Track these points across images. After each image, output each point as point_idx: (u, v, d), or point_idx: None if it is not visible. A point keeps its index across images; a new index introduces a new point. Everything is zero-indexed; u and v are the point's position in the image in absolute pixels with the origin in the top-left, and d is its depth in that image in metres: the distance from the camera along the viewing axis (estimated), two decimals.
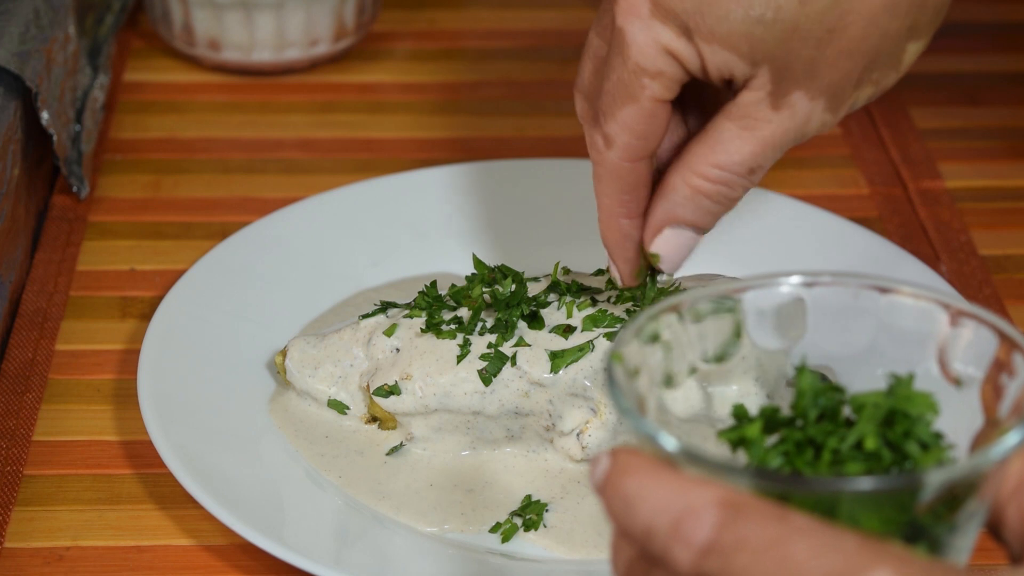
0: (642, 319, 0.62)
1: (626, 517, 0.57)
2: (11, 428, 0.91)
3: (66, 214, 1.09)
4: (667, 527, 0.56)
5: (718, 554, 0.55)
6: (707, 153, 0.79)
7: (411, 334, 0.89)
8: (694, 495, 0.56)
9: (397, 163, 1.14)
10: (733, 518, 0.55)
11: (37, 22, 1.07)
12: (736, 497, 0.55)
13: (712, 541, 0.55)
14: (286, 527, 0.83)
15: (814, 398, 0.60)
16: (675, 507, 0.56)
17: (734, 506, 0.55)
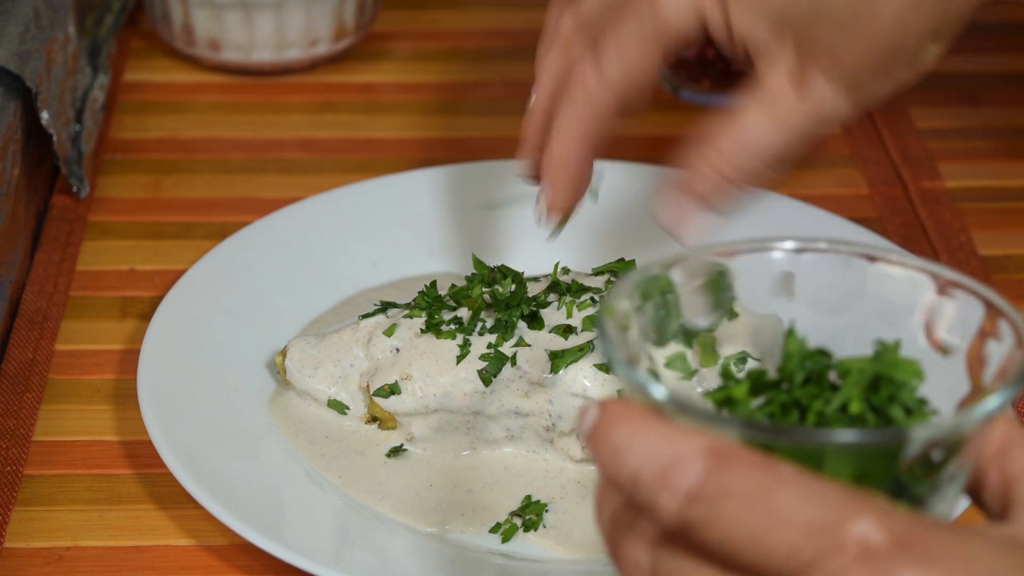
0: (637, 275, 0.62)
1: (613, 465, 0.57)
2: (11, 428, 0.91)
3: (66, 214, 1.09)
4: (654, 475, 0.56)
5: (703, 502, 0.55)
6: (727, 130, 0.80)
7: (411, 334, 0.89)
8: (682, 444, 0.56)
9: (397, 163, 1.14)
10: (720, 467, 0.55)
11: (37, 22, 1.07)
12: (723, 447, 0.55)
13: (698, 489, 0.55)
14: (286, 527, 0.83)
15: (801, 361, 0.61)
16: (662, 455, 0.56)
17: (721, 455, 0.55)
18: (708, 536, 0.55)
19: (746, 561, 0.54)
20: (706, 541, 0.55)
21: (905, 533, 0.53)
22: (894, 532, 0.53)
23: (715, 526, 0.55)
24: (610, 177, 1.08)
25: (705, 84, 1.20)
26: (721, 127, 0.81)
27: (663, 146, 1.17)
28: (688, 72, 1.20)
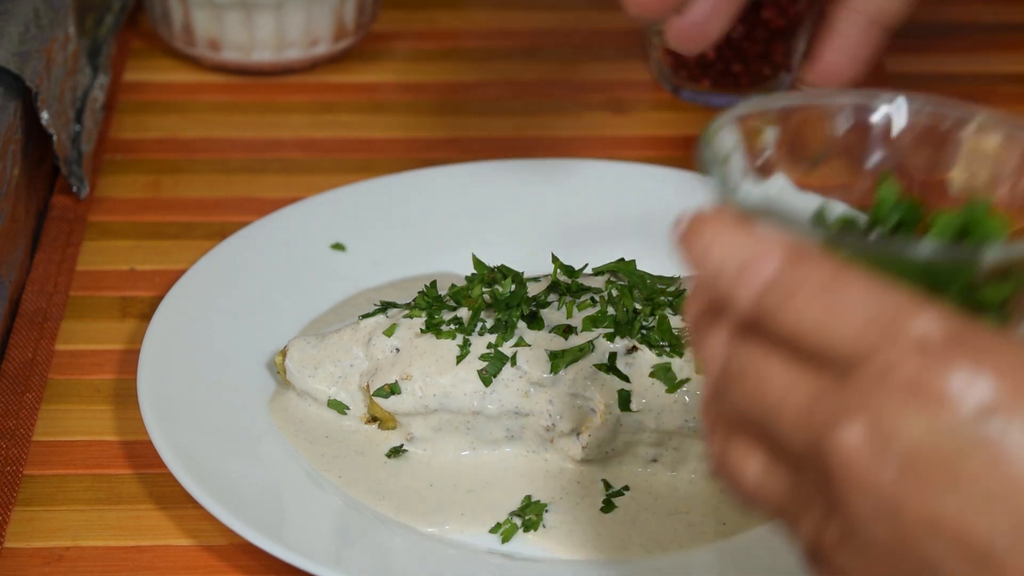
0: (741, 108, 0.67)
1: (700, 262, 0.62)
2: (11, 428, 0.91)
3: (66, 214, 1.09)
4: (735, 268, 0.61)
5: (776, 292, 0.60)
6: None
7: (411, 334, 0.89)
8: (764, 242, 0.61)
9: (397, 163, 1.14)
10: (795, 262, 0.60)
11: (37, 22, 1.07)
12: (803, 247, 0.60)
13: (773, 281, 0.60)
14: (286, 527, 0.83)
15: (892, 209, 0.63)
16: (744, 251, 0.61)
17: (798, 252, 0.60)
18: (778, 325, 0.60)
19: (810, 349, 0.59)
20: (776, 330, 0.60)
21: (961, 331, 0.57)
22: (950, 329, 0.57)
23: (785, 315, 0.59)
24: (610, 177, 1.08)
25: (705, 84, 1.20)
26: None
27: (663, 146, 1.18)
28: (688, 72, 1.20)
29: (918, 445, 0.57)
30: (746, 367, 0.61)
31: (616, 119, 1.21)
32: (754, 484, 0.62)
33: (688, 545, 0.83)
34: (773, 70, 1.20)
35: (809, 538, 0.61)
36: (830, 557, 0.60)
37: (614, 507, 0.86)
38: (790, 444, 0.60)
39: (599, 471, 0.88)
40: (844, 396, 0.58)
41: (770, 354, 0.61)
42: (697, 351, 0.64)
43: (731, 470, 0.63)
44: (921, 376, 0.57)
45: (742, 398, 0.62)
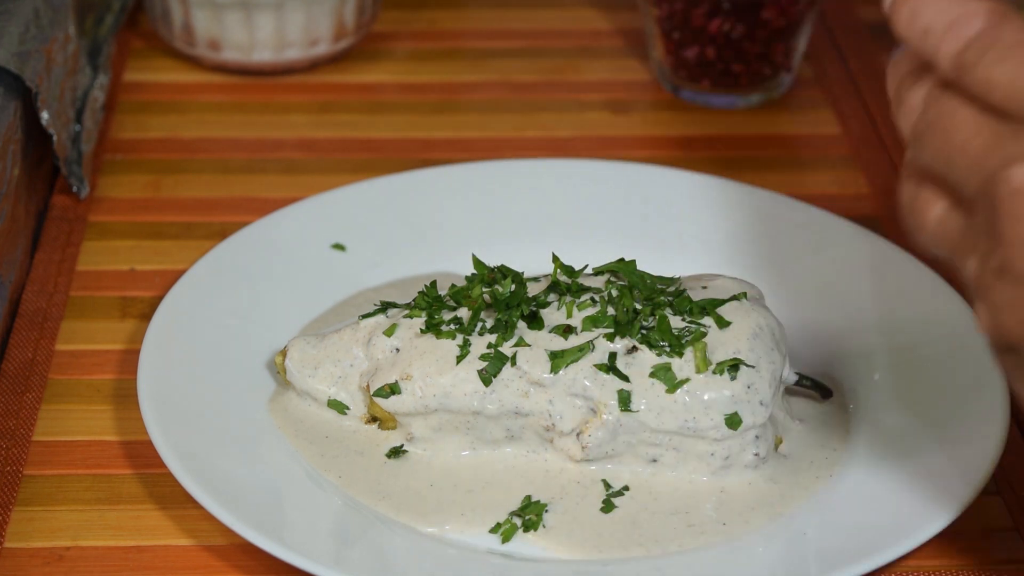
0: None
1: (911, 22, 0.70)
2: (11, 428, 0.91)
3: (66, 214, 1.09)
4: (943, 26, 0.69)
5: (976, 47, 0.68)
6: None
7: (411, 334, 0.89)
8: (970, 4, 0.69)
9: (397, 163, 1.14)
10: (997, 21, 0.68)
11: (37, 22, 1.07)
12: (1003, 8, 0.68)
13: (975, 36, 0.68)
14: (286, 527, 0.83)
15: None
16: (953, 11, 0.69)
17: (1000, 13, 0.68)
18: (974, 77, 0.67)
19: (999, 101, 0.67)
20: (972, 83, 0.68)
21: None
22: None
23: (981, 68, 0.67)
24: (610, 177, 1.08)
25: (705, 84, 1.20)
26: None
27: (663, 146, 1.18)
28: (688, 72, 1.20)
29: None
30: (939, 116, 0.69)
31: (616, 119, 1.21)
32: (935, 226, 0.71)
33: (688, 545, 0.83)
34: (773, 70, 1.20)
35: (974, 273, 0.69)
36: (991, 288, 0.68)
37: (614, 507, 0.86)
38: (967, 186, 0.68)
39: (599, 471, 0.88)
40: (1018, 141, 0.66)
41: (963, 105, 0.68)
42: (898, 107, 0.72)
43: (918, 214, 0.72)
44: None
45: (932, 145, 0.70)
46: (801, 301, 0.97)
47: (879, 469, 0.87)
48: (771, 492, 0.86)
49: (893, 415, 0.90)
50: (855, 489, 0.86)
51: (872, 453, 0.88)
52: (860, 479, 0.86)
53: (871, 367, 0.93)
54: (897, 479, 0.85)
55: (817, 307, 0.97)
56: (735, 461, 0.87)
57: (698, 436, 0.86)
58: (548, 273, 0.92)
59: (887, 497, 0.84)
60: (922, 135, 0.70)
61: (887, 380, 0.92)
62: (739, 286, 0.90)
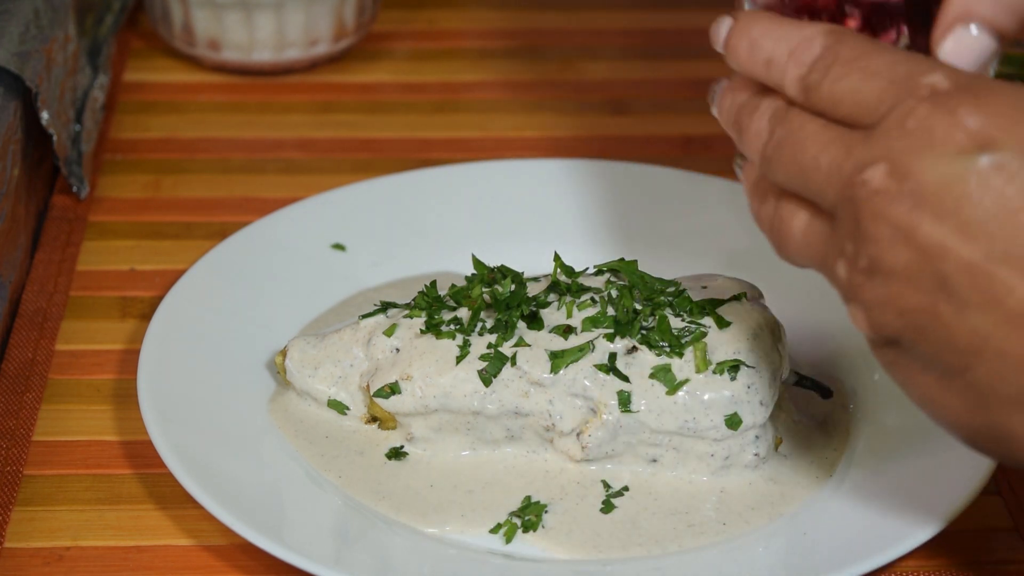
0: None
1: (751, 55, 0.73)
2: (11, 428, 0.91)
3: (66, 214, 1.09)
4: (785, 54, 0.72)
5: (819, 68, 0.71)
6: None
7: (411, 334, 0.89)
8: (808, 29, 0.72)
9: (397, 163, 1.14)
10: (836, 41, 0.71)
11: (37, 22, 1.07)
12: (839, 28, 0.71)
13: (817, 58, 0.71)
14: (286, 527, 0.83)
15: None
16: (793, 38, 0.72)
17: (837, 33, 0.71)
18: (820, 95, 0.70)
19: (845, 114, 0.70)
20: (818, 100, 0.70)
21: (966, 81, 0.68)
22: (958, 80, 0.68)
23: (825, 85, 0.70)
24: (610, 177, 1.08)
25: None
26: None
27: (663, 146, 1.18)
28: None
29: (927, 178, 0.67)
30: (788, 133, 0.71)
31: (616, 119, 1.21)
32: (800, 238, 0.73)
33: (688, 545, 0.83)
34: None
35: (845, 276, 0.70)
36: (862, 288, 0.69)
37: (614, 507, 0.86)
38: (825, 197, 0.70)
39: (599, 471, 0.88)
40: (870, 146, 0.68)
41: (810, 120, 0.71)
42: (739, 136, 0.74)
43: (780, 229, 0.73)
44: (930, 119, 0.67)
45: (783, 165, 0.72)
46: (801, 301, 0.97)
47: (879, 469, 0.87)
48: (771, 492, 0.86)
49: (893, 415, 0.90)
50: (855, 489, 0.86)
51: (872, 453, 0.88)
52: (860, 479, 0.86)
53: (871, 367, 0.93)
54: (897, 479, 0.85)
55: (817, 307, 0.97)
56: (735, 461, 0.87)
57: (698, 436, 0.86)
58: (548, 273, 0.92)
59: (887, 497, 0.84)
60: (773, 156, 0.72)
61: (887, 380, 0.92)
62: (739, 286, 0.90)
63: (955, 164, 0.66)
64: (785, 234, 0.73)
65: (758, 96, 0.74)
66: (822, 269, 0.72)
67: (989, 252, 0.66)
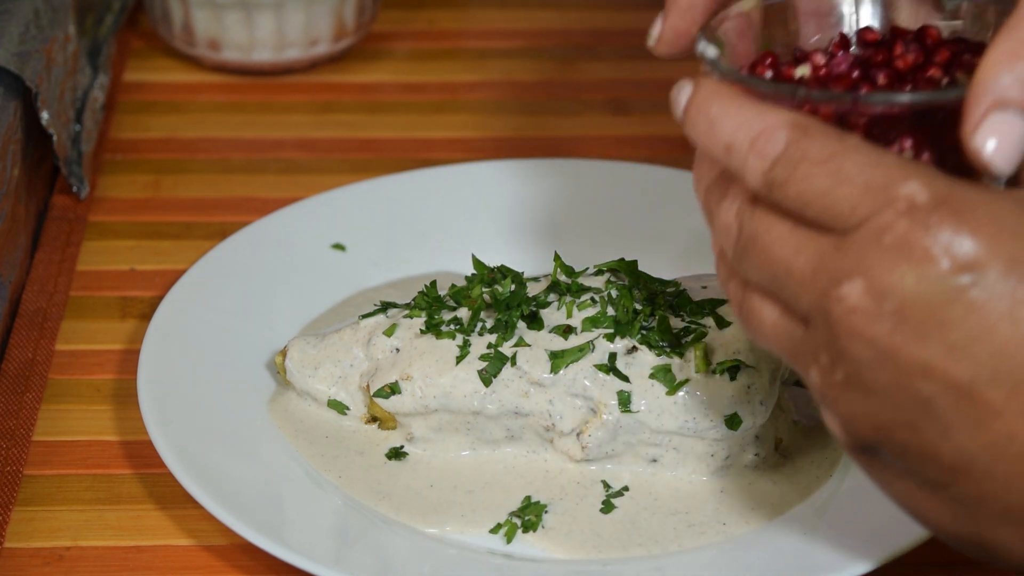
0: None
1: (709, 136, 0.68)
2: (11, 428, 0.91)
3: (66, 214, 1.09)
4: (746, 143, 0.67)
5: (784, 164, 0.66)
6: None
7: (411, 334, 0.89)
8: (771, 117, 0.67)
9: (397, 163, 1.14)
10: (801, 135, 0.66)
11: (37, 22, 1.07)
12: (805, 120, 0.66)
13: (781, 153, 0.66)
14: (286, 527, 0.83)
15: None
16: (754, 126, 0.67)
17: (802, 127, 0.66)
18: (786, 194, 0.66)
19: (814, 216, 0.66)
20: (784, 199, 0.66)
21: (944, 192, 0.64)
22: (936, 192, 0.64)
23: (791, 185, 0.66)
24: (610, 177, 1.08)
25: None
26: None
27: (663, 146, 1.18)
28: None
29: (908, 299, 0.64)
30: (756, 235, 0.68)
31: (616, 119, 1.21)
32: (770, 332, 0.69)
33: (688, 545, 0.83)
34: None
35: (818, 383, 0.67)
36: (837, 401, 0.67)
37: (614, 507, 0.86)
38: (798, 303, 0.67)
39: (599, 471, 0.88)
40: (844, 257, 0.65)
41: (778, 221, 0.67)
42: (711, 224, 0.71)
43: (750, 319, 0.70)
44: (910, 236, 0.64)
45: (753, 264, 0.68)
46: None
47: None
48: (771, 492, 0.86)
49: None
50: (855, 489, 0.86)
51: None
52: (860, 479, 0.86)
53: None
54: None
55: None
56: (735, 461, 0.87)
57: (698, 436, 0.86)
58: (548, 273, 0.92)
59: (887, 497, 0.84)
60: (742, 255, 0.69)
61: None
62: None
63: (937, 284, 0.63)
64: (755, 324, 0.70)
65: (725, 181, 0.70)
66: (793, 366, 0.69)
67: (974, 375, 0.64)
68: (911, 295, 0.64)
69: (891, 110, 0.68)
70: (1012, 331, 0.63)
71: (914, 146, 0.69)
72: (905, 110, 0.68)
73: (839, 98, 0.68)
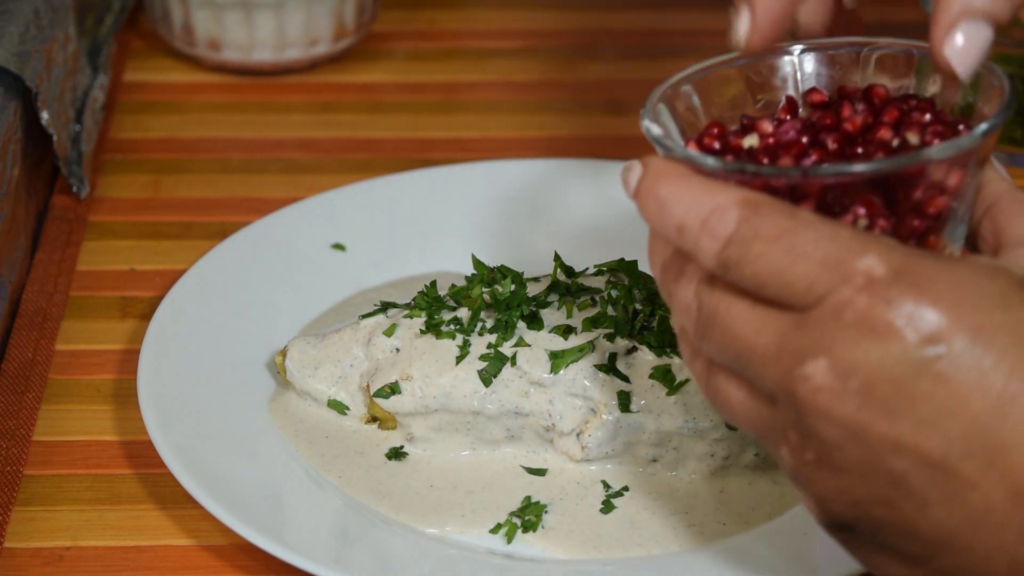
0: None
1: (660, 217, 0.67)
2: (11, 428, 0.91)
3: (66, 214, 1.09)
4: (697, 224, 0.66)
5: (737, 244, 0.65)
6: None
7: (411, 334, 0.89)
8: (720, 196, 0.66)
9: (397, 163, 1.14)
10: (752, 213, 0.65)
11: (37, 22, 1.07)
12: (756, 197, 0.65)
13: (733, 233, 0.65)
14: (286, 527, 0.83)
15: None
16: (704, 206, 0.66)
17: (753, 204, 0.65)
18: (741, 274, 0.65)
19: (771, 294, 0.65)
20: (739, 278, 0.65)
21: (902, 264, 0.63)
22: (894, 264, 0.63)
23: (746, 264, 0.65)
24: (610, 177, 1.08)
25: None
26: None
27: None
28: None
29: (874, 375, 0.63)
30: (716, 314, 0.67)
31: (616, 119, 1.21)
32: (738, 411, 0.68)
33: (688, 545, 0.83)
34: None
35: (790, 463, 0.66)
36: (810, 480, 0.66)
37: (614, 507, 0.86)
38: (763, 382, 0.66)
39: (599, 471, 0.88)
40: (805, 335, 0.64)
41: (737, 300, 0.66)
42: (670, 303, 0.70)
43: (716, 398, 0.69)
44: (871, 311, 0.63)
45: (716, 343, 0.67)
46: None
47: None
48: (771, 492, 0.86)
49: None
50: None
51: None
52: None
53: None
54: None
55: None
56: (735, 461, 0.87)
57: (698, 436, 0.86)
58: (548, 273, 0.92)
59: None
60: (704, 334, 0.68)
61: None
62: None
63: (902, 359, 0.62)
64: (722, 403, 0.69)
65: (681, 259, 0.69)
66: (764, 445, 0.68)
67: (947, 449, 0.63)
68: (876, 371, 0.63)
69: (842, 180, 0.67)
70: (983, 402, 0.62)
71: (868, 214, 0.68)
72: (857, 178, 0.67)
73: (788, 172, 0.67)
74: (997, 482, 0.63)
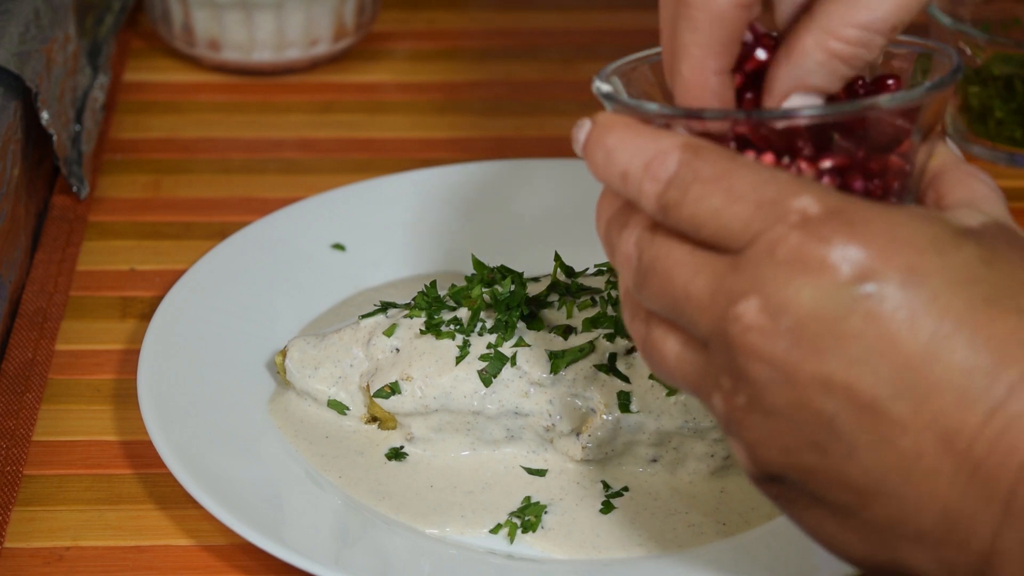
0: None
1: (607, 167, 0.67)
2: (11, 428, 0.91)
3: (66, 214, 1.09)
4: (640, 168, 0.66)
5: (676, 185, 0.65)
6: (845, 12, 0.70)
7: (411, 334, 0.89)
8: (663, 141, 0.66)
9: (397, 163, 1.14)
10: (692, 156, 0.65)
11: (37, 22, 1.07)
12: (697, 141, 0.66)
13: (673, 175, 0.65)
14: (286, 527, 0.83)
15: None
16: (647, 151, 0.66)
17: (694, 148, 0.65)
18: (679, 215, 0.65)
19: (708, 236, 0.64)
20: (679, 221, 0.65)
21: (838, 205, 0.63)
22: (829, 205, 0.63)
23: (685, 206, 0.65)
24: None
25: None
26: (839, 10, 0.70)
27: None
28: None
29: (805, 313, 0.62)
30: (655, 260, 0.66)
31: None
32: (673, 364, 0.68)
33: (688, 545, 0.84)
34: None
35: (722, 409, 0.66)
36: (741, 425, 0.65)
37: (613, 508, 0.86)
38: (697, 328, 0.65)
39: (599, 471, 0.88)
40: (739, 275, 0.64)
41: (677, 246, 0.66)
42: (612, 257, 0.69)
43: (652, 354, 0.69)
44: (803, 248, 0.62)
45: (653, 292, 0.67)
46: None
47: None
48: None
49: None
50: None
51: None
52: None
53: None
54: None
55: None
56: (735, 461, 0.87)
57: (698, 436, 0.86)
58: (548, 273, 0.92)
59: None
60: (642, 283, 0.67)
61: None
62: None
63: (833, 297, 0.62)
64: (657, 358, 0.68)
65: (626, 211, 0.69)
66: (698, 397, 0.68)
67: (876, 390, 0.62)
68: (807, 309, 0.62)
69: (790, 124, 0.66)
70: (913, 343, 0.61)
71: (812, 168, 0.67)
72: (804, 127, 0.66)
73: (732, 114, 0.66)
74: (927, 426, 0.62)
